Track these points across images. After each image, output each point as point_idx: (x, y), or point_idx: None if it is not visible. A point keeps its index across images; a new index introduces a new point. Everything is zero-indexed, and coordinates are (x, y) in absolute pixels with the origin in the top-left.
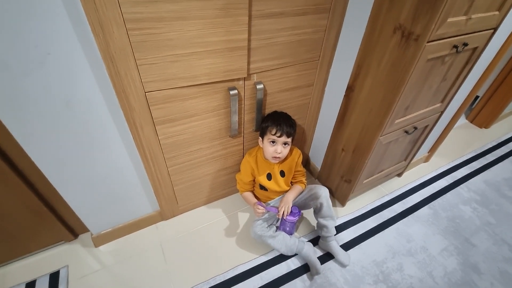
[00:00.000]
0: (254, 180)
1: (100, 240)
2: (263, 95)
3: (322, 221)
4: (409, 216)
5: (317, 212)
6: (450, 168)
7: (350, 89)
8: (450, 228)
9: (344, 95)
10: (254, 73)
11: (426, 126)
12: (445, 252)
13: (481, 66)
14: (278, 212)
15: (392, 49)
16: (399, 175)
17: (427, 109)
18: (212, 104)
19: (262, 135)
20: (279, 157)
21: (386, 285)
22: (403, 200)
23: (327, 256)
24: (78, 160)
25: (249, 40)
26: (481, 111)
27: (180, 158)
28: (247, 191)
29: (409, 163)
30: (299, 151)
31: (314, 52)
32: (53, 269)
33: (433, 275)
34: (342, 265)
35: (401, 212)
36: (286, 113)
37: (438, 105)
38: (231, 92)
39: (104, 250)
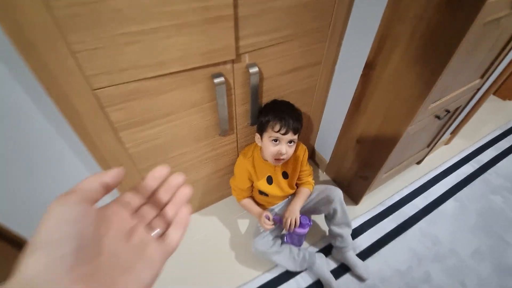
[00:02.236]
0: (252, 185)
1: None
2: (259, 81)
3: (336, 229)
4: (433, 212)
5: (330, 218)
6: (475, 150)
7: (369, 67)
8: (480, 223)
9: (361, 75)
10: (245, 53)
11: (458, 108)
12: (477, 254)
13: None
14: (284, 225)
15: (434, 12)
16: (419, 162)
17: (465, 88)
18: (193, 98)
19: (261, 131)
20: (283, 159)
21: None
22: (425, 193)
23: (341, 269)
24: (16, 192)
25: (235, 6)
26: (505, 82)
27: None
28: (246, 198)
29: (431, 149)
30: (305, 147)
31: (322, 19)
32: None
33: (466, 285)
34: (361, 279)
35: (424, 207)
36: (288, 103)
37: (477, 81)
38: (216, 81)
39: None
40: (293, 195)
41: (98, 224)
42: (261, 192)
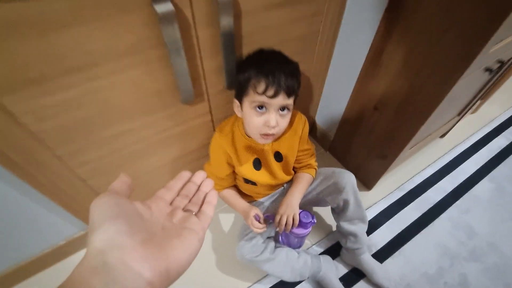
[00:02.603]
0: (234, 171)
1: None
2: (234, 18)
3: (347, 226)
4: (465, 196)
5: (339, 212)
6: (508, 119)
7: (395, 2)
8: None
9: (386, 9)
10: None
11: (510, 59)
12: None
13: None
14: (275, 224)
15: None
16: (443, 135)
17: None
18: (124, 40)
19: (240, 95)
20: (272, 134)
21: None
22: (453, 173)
23: (354, 274)
24: None
25: None
26: None
27: (92, 150)
28: (227, 187)
29: (462, 117)
30: (304, 118)
31: None
32: None
33: None
34: (381, 287)
35: (453, 190)
36: (280, 53)
37: None
38: (160, 9)
39: None
40: (290, 183)
41: (140, 209)
42: (247, 181)
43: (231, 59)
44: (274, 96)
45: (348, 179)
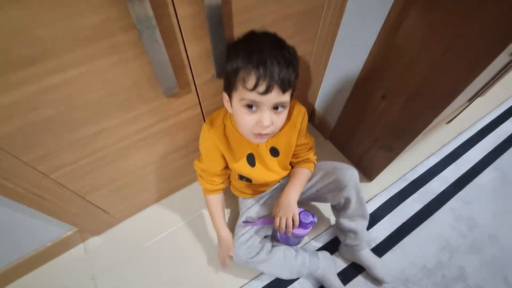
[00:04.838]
0: (227, 167)
1: None
2: None
3: (347, 223)
4: (468, 186)
5: (340, 210)
6: None
7: None
8: None
9: None
10: None
11: None
12: None
13: None
14: (275, 226)
15: None
16: (449, 121)
17: None
18: (83, 21)
19: (229, 89)
20: (267, 134)
21: None
22: (457, 161)
23: (352, 269)
24: None
25: None
26: None
27: (63, 154)
28: (217, 190)
29: (471, 103)
30: (303, 110)
31: None
32: None
33: (510, 280)
34: (380, 282)
35: (456, 180)
36: (275, 35)
37: None
38: None
39: None
40: (286, 178)
41: None
42: (241, 177)
43: (220, 42)
44: (266, 92)
45: (351, 176)
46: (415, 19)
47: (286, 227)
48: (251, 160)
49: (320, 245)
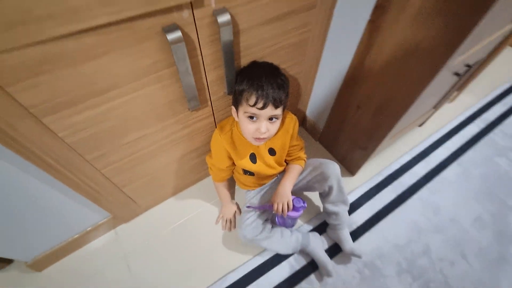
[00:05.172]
0: (233, 163)
1: (41, 264)
2: (234, 35)
3: (331, 207)
4: (435, 179)
5: (325, 196)
6: (481, 107)
7: (380, 9)
8: (484, 189)
9: (369, 21)
10: None
11: (477, 61)
12: (478, 222)
13: None
14: (274, 210)
15: None
16: (421, 124)
17: (497, 34)
18: (141, 64)
19: (236, 104)
20: (264, 138)
21: (411, 274)
22: (426, 159)
23: (337, 246)
24: None
25: None
26: None
27: (115, 154)
28: (223, 179)
29: (437, 109)
30: (294, 118)
31: None
32: None
33: (466, 255)
34: (353, 254)
35: (425, 174)
36: (272, 65)
37: (508, 27)
38: (170, 37)
39: (52, 273)
40: (282, 173)
41: None
42: (245, 172)
43: (231, 70)
44: (263, 108)
45: (333, 169)
46: (377, 49)
47: (282, 210)
48: (253, 158)
49: (311, 227)
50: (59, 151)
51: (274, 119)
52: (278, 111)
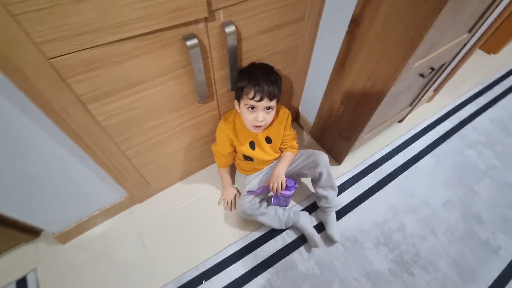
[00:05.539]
0: (235, 150)
1: (65, 237)
2: (237, 42)
3: (321, 191)
4: (411, 168)
5: (316, 182)
6: (455, 107)
7: (355, 23)
8: (454, 177)
9: (347, 32)
10: (219, 9)
11: (443, 65)
12: (448, 204)
13: None
14: (270, 188)
15: None
16: (400, 121)
17: (452, 43)
18: (164, 64)
19: (238, 98)
20: (261, 126)
21: (387, 247)
22: (404, 150)
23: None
24: None
25: None
26: (492, 35)
27: (137, 138)
28: (226, 165)
29: (413, 107)
30: (287, 111)
31: None
32: (18, 275)
33: (436, 231)
34: (332, 239)
35: (402, 164)
36: (267, 66)
37: (465, 36)
38: (189, 43)
39: (74, 246)
40: (277, 160)
41: None
42: (245, 157)
43: (234, 70)
44: (260, 100)
45: (323, 158)
46: (354, 54)
47: (277, 189)
48: (252, 145)
49: (302, 207)
50: (96, 133)
51: (269, 110)
52: (273, 103)
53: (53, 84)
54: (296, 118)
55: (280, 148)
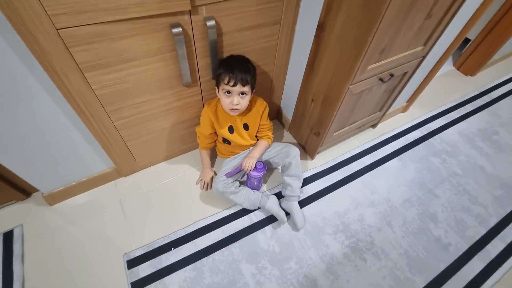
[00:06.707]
0: (216, 133)
1: (53, 198)
2: (217, 35)
3: (287, 179)
4: (377, 168)
5: (284, 170)
6: (427, 118)
7: (321, 28)
8: (416, 179)
9: (315, 36)
10: (201, 5)
11: (405, 73)
12: (407, 203)
13: (474, 2)
14: (242, 166)
15: None
16: (374, 126)
17: (406, 53)
18: (154, 46)
19: (217, 84)
20: (237, 109)
21: (345, 234)
22: (374, 152)
23: (289, 215)
24: None
25: None
26: (469, 57)
27: (126, 111)
28: (207, 147)
29: (384, 113)
30: (265, 103)
31: None
32: (6, 228)
33: (392, 225)
34: (296, 226)
35: (370, 164)
36: (243, 57)
37: (420, 48)
38: (174, 31)
39: (60, 208)
40: (253, 147)
41: None
42: (224, 140)
43: (215, 60)
44: (234, 85)
45: (294, 150)
46: (320, 56)
47: (248, 168)
48: (231, 129)
49: (272, 193)
50: (90, 99)
51: (244, 95)
52: (246, 89)
53: (58, 50)
54: (278, 115)
55: (256, 136)
